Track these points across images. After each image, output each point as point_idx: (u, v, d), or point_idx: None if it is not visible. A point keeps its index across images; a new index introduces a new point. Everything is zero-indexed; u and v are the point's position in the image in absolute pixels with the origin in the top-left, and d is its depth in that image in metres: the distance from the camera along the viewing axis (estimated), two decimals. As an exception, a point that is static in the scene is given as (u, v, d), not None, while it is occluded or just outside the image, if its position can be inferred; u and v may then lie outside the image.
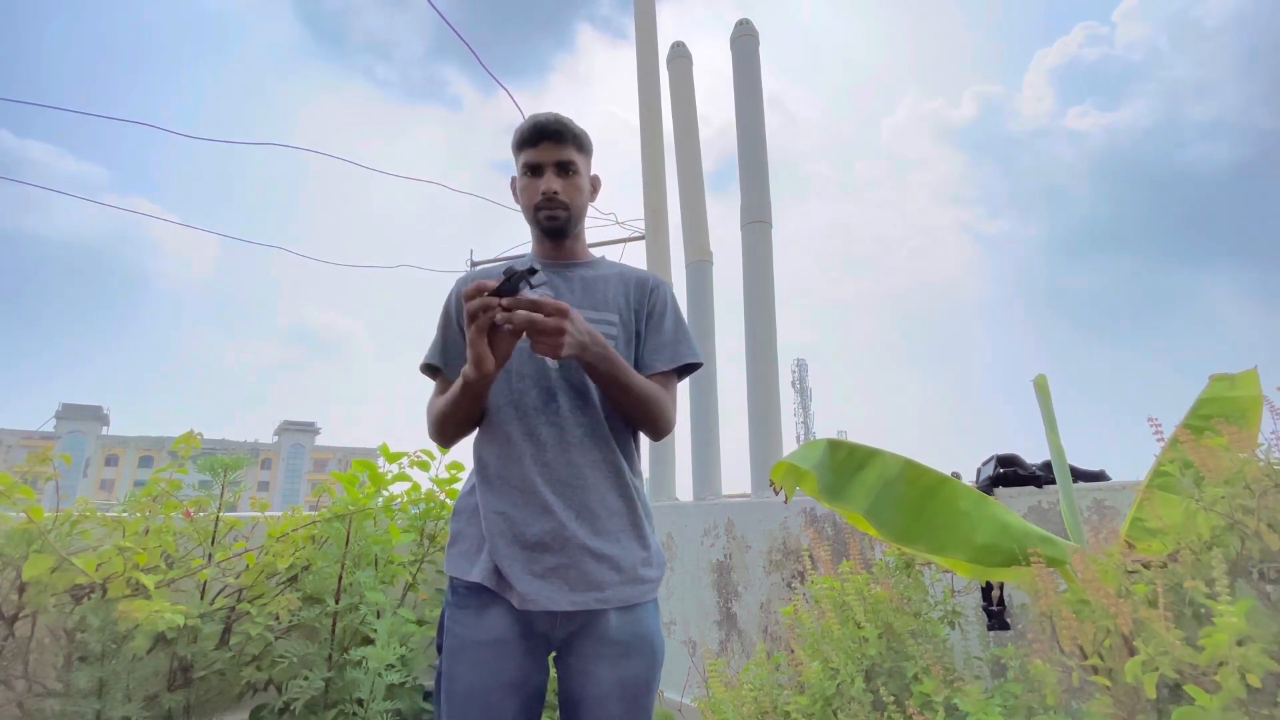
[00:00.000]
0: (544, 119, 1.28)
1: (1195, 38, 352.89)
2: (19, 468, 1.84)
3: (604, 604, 1.14)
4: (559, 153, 1.28)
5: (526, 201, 1.31)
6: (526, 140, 1.29)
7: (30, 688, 1.79)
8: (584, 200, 1.33)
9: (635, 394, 1.20)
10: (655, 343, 1.31)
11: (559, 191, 1.27)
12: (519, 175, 1.32)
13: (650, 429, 1.28)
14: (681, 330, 1.34)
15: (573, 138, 1.29)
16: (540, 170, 1.28)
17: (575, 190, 1.30)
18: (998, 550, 1.29)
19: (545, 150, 1.28)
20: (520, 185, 1.32)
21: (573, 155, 1.29)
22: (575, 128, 1.30)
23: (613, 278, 1.34)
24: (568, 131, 1.28)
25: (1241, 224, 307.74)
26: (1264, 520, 1.00)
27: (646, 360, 1.29)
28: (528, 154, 1.29)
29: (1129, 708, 1.00)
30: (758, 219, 3.98)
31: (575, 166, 1.30)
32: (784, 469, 1.43)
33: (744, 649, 2.56)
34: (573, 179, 1.30)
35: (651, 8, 5.03)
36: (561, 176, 1.29)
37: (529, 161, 1.28)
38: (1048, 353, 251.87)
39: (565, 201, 1.28)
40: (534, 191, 1.29)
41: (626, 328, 1.29)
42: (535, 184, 1.29)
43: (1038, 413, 1.50)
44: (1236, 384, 1.43)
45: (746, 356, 3.86)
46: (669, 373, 1.31)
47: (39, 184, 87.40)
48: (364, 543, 2.44)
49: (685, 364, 1.31)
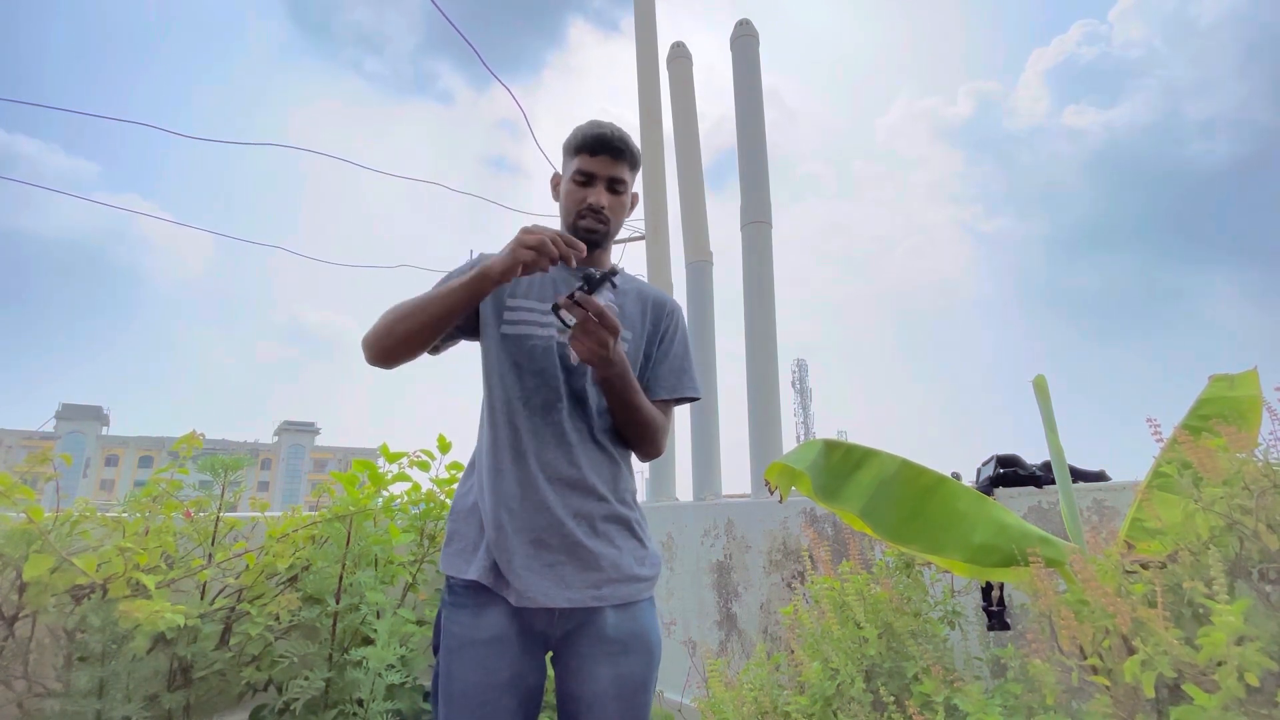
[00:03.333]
0: (609, 132, 1.28)
1: (1192, 36, 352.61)
2: (19, 468, 1.84)
3: (600, 601, 1.15)
4: (614, 169, 1.28)
5: (570, 205, 1.30)
6: (586, 148, 1.28)
7: (30, 688, 1.79)
8: (623, 218, 1.34)
9: (638, 416, 1.23)
10: (661, 370, 1.34)
11: (605, 207, 1.28)
12: (567, 177, 1.31)
13: (641, 450, 1.31)
14: (687, 361, 1.37)
15: (630, 157, 1.30)
16: (592, 181, 1.28)
17: (619, 208, 1.31)
18: (995, 550, 1.29)
19: (602, 163, 1.28)
20: (566, 188, 1.31)
21: (626, 174, 1.30)
22: (634, 147, 1.31)
23: (632, 294, 1.35)
24: (628, 150, 1.29)
25: (1241, 221, 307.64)
26: (1263, 520, 1.00)
27: (649, 386, 1.32)
28: (584, 161, 1.28)
29: (1128, 707, 1.00)
30: (758, 219, 3.98)
31: (625, 186, 1.31)
32: (779, 470, 1.43)
33: (744, 649, 2.56)
34: (619, 197, 1.31)
35: (651, 8, 5.03)
36: (610, 193, 1.29)
37: (583, 169, 1.28)
38: (1047, 352, 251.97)
39: (608, 218, 1.29)
40: (580, 199, 1.28)
41: (637, 346, 1.31)
42: (583, 192, 1.28)
43: (1037, 413, 1.50)
44: (1236, 384, 1.43)
45: (746, 357, 3.86)
46: (668, 401, 1.34)
47: (37, 183, 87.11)
48: (364, 543, 2.44)
49: (685, 397, 1.35)
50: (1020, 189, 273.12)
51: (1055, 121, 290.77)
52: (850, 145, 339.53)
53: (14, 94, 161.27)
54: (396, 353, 1.19)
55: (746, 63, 4.32)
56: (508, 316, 1.26)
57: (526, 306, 1.26)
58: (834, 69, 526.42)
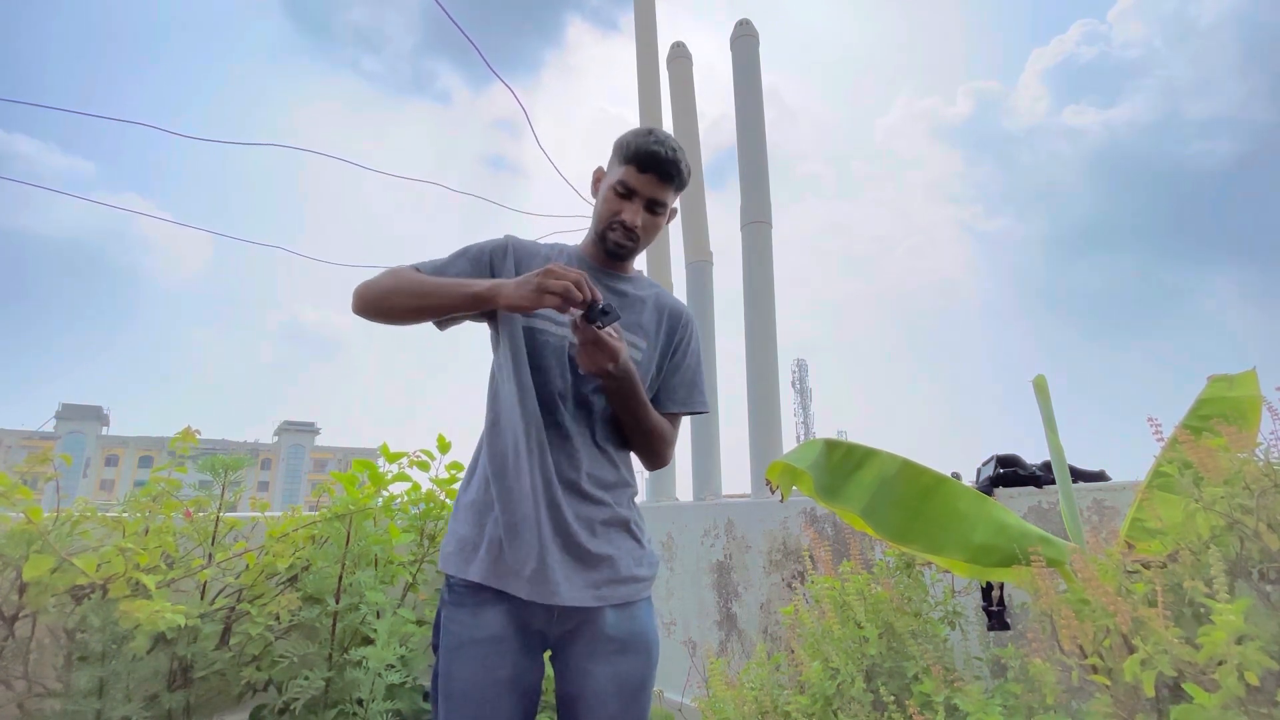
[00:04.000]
0: (664, 154, 1.21)
1: (1191, 35, 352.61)
2: (19, 468, 1.84)
3: (601, 601, 1.15)
4: (659, 191, 1.24)
5: (604, 214, 1.27)
6: (636, 161, 1.22)
7: (30, 688, 1.79)
8: (654, 237, 1.31)
9: (643, 426, 1.24)
10: (672, 383, 1.34)
11: (639, 227, 1.25)
12: (610, 182, 1.26)
13: (647, 460, 1.32)
14: (698, 376, 1.37)
15: (679, 182, 1.26)
16: (632, 196, 1.24)
17: (653, 228, 1.28)
18: (995, 550, 1.29)
19: (648, 182, 1.22)
20: (604, 194, 1.27)
21: (669, 197, 1.26)
22: (686, 170, 1.26)
23: (649, 300, 1.34)
24: (679, 176, 1.25)
25: (1241, 220, 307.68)
26: (1263, 520, 1.00)
27: (659, 398, 1.32)
28: (630, 174, 1.23)
29: (1129, 707, 1.01)
30: (758, 219, 3.98)
31: (664, 208, 1.27)
32: (780, 469, 1.43)
33: (744, 649, 2.56)
34: (656, 218, 1.27)
35: (651, 8, 5.03)
36: (648, 212, 1.25)
37: (628, 182, 1.23)
38: (1047, 351, 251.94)
39: (639, 236, 1.26)
40: (616, 210, 1.24)
41: (650, 357, 1.30)
42: (621, 204, 1.24)
43: (1037, 413, 1.50)
44: (1235, 385, 1.43)
45: (746, 356, 3.86)
46: (676, 414, 1.34)
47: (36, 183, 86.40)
48: (364, 543, 2.44)
49: (694, 410, 1.35)
50: (1020, 189, 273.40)
51: (1055, 121, 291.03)
52: (850, 145, 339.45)
53: (10, 93, 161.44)
54: (384, 316, 1.19)
55: (746, 63, 4.32)
56: None
57: None
58: (833, 69, 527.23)
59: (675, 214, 1.37)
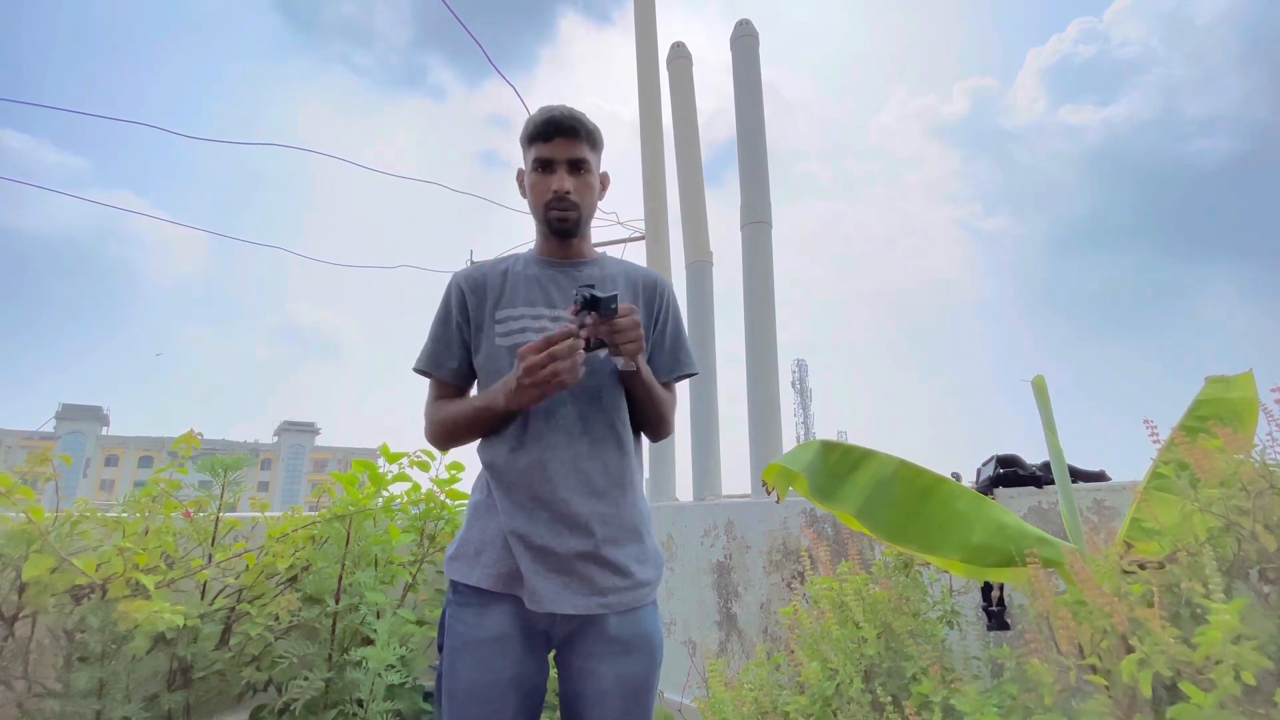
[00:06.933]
0: (558, 113, 1.22)
1: (1189, 33, 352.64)
2: (19, 468, 1.84)
3: (606, 609, 1.15)
4: (572, 149, 1.23)
5: (536, 199, 1.27)
6: (539, 134, 1.23)
7: (30, 688, 1.79)
8: (594, 199, 1.30)
9: (656, 397, 1.26)
10: (661, 352, 1.34)
11: (571, 191, 1.23)
12: (528, 170, 1.27)
13: (654, 431, 1.33)
14: (682, 339, 1.37)
15: (586, 134, 1.24)
16: (552, 166, 1.24)
17: (586, 189, 1.26)
18: (993, 550, 1.29)
19: (558, 146, 1.23)
20: (529, 181, 1.27)
21: (586, 153, 1.25)
22: (589, 123, 1.25)
23: (620, 278, 1.33)
24: (582, 127, 1.24)
25: (1240, 219, 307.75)
26: (1260, 521, 1.00)
27: (653, 368, 1.32)
28: (539, 148, 1.24)
29: (1126, 707, 1.01)
30: (758, 219, 3.98)
31: (588, 164, 1.25)
32: (776, 470, 1.43)
33: (744, 649, 2.56)
34: (584, 177, 1.26)
35: (651, 7, 5.03)
36: (573, 175, 1.24)
37: (540, 157, 1.24)
38: (1047, 351, 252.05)
39: (576, 201, 1.25)
40: (545, 189, 1.24)
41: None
42: (546, 181, 1.24)
43: (1037, 413, 1.50)
44: (1232, 386, 1.43)
45: (746, 357, 3.86)
46: (668, 381, 1.35)
47: (30, 181, 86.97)
48: (364, 543, 2.44)
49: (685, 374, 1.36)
50: (1018, 187, 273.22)
51: (1053, 120, 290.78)
52: (846, 143, 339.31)
53: (1, 90, 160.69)
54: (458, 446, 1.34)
55: (746, 63, 4.32)
56: (499, 329, 1.26)
57: (516, 315, 1.26)
58: (829, 67, 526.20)
59: (608, 179, 1.36)
